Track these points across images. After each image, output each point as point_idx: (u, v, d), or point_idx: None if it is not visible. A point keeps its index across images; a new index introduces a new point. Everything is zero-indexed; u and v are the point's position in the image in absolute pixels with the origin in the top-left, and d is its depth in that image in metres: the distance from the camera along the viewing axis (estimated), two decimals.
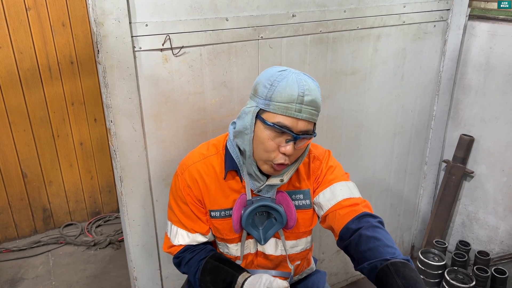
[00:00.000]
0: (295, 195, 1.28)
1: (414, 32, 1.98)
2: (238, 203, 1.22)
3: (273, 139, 1.10)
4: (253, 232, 1.25)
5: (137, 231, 1.56)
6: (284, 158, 1.12)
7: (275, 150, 1.11)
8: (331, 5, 1.69)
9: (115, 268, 2.57)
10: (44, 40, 2.55)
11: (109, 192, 3.08)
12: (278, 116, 1.08)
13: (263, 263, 1.34)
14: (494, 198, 2.24)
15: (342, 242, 1.17)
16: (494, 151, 2.18)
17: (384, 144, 2.14)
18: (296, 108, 1.07)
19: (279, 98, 1.08)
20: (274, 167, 1.14)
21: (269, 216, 1.26)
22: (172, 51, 1.42)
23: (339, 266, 2.29)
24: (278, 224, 1.25)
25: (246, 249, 1.31)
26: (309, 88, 1.09)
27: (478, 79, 2.17)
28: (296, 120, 1.08)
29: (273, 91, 1.09)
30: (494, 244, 2.29)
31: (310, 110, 1.09)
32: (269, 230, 1.26)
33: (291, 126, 1.08)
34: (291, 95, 1.07)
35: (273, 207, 1.21)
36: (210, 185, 1.25)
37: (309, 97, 1.08)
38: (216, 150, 1.27)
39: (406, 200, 2.40)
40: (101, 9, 1.26)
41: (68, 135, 2.80)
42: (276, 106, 1.08)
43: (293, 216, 1.24)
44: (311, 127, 1.12)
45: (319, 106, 1.12)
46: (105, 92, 1.35)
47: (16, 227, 2.82)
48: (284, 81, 1.09)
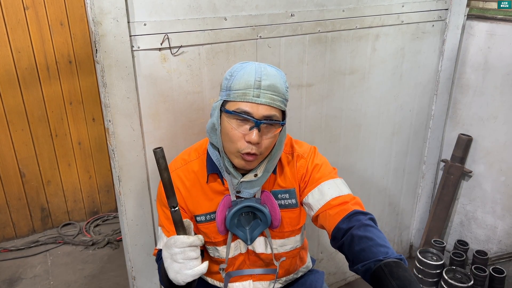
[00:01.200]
0: (281, 195, 1.27)
1: (413, 32, 1.98)
2: (221, 204, 1.22)
3: (237, 128, 1.10)
4: (239, 232, 1.24)
5: (135, 231, 1.56)
6: (250, 147, 1.10)
7: (240, 140, 1.11)
8: (330, 5, 1.69)
9: (113, 267, 2.57)
10: (42, 39, 2.54)
11: (107, 192, 3.07)
12: (238, 103, 1.09)
13: (255, 262, 1.34)
14: (492, 197, 2.24)
15: (336, 242, 1.16)
16: (492, 151, 2.19)
17: (382, 144, 2.14)
18: (254, 93, 1.08)
19: (237, 86, 1.09)
20: (243, 157, 1.12)
21: (255, 216, 1.26)
22: (170, 50, 1.42)
23: (337, 266, 2.30)
24: (263, 224, 1.24)
25: (237, 249, 1.31)
26: (267, 73, 1.10)
27: (477, 78, 2.17)
28: (256, 105, 1.08)
29: (232, 80, 1.11)
30: (492, 244, 2.29)
31: (269, 95, 1.09)
32: (255, 230, 1.25)
33: (251, 111, 1.08)
34: (247, 81, 1.09)
35: (256, 208, 1.21)
36: (192, 190, 1.25)
37: (266, 81, 1.09)
38: (197, 155, 1.28)
39: (404, 199, 2.40)
40: (99, 8, 1.25)
41: (66, 134, 2.80)
42: (235, 94, 1.10)
43: (277, 216, 1.23)
44: (275, 112, 1.11)
45: (281, 92, 1.11)
46: (104, 91, 1.35)
47: (14, 227, 2.82)
48: (243, 70, 1.11)
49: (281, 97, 1.11)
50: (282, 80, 1.13)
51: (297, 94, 1.76)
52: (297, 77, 1.73)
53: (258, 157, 1.15)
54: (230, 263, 1.32)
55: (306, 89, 1.77)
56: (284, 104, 1.13)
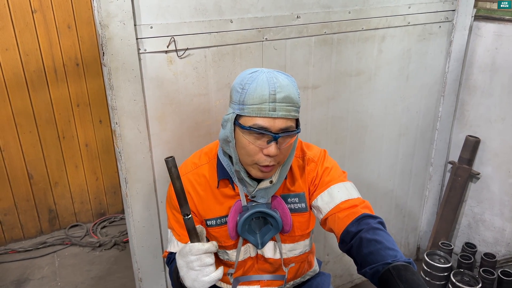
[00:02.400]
0: (290, 199, 1.27)
1: (419, 33, 1.97)
2: (233, 210, 1.21)
3: (254, 142, 1.09)
4: (250, 237, 1.24)
5: (142, 232, 1.57)
6: (269, 160, 1.10)
7: (258, 153, 1.10)
8: (336, 6, 1.68)
9: (120, 269, 2.58)
10: (50, 42, 2.56)
11: (114, 193, 3.09)
12: (253, 119, 1.07)
13: (263, 267, 1.33)
14: (500, 199, 2.22)
15: (344, 246, 1.16)
16: (500, 152, 2.17)
17: (389, 145, 2.13)
18: (270, 107, 1.06)
19: (251, 100, 1.07)
20: (261, 169, 1.12)
21: (265, 221, 1.25)
22: (176, 53, 1.42)
23: (344, 268, 2.29)
24: (274, 230, 1.24)
25: (246, 253, 1.30)
26: (281, 85, 1.08)
27: (484, 79, 2.15)
28: (273, 119, 1.06)
29: (245, 94, 1.08)
30: (500, 246, 2.27)
31: (285, 107, 1.07)
32: (266, 235, 1.25)
33: (268, 126, 1.07)
34: (262, 95, 1.06)
35: (268, 213, 1.20)
36: (203, 194, 1.25)
37: (281, 94, 1.06)
38: (207, 159, 1.27)
39: (411, 201, 2.39)
40: (106, 12, 1.26)
41: (73, 136, 2.82)
42: (249, 109, 1.07)
43: (289, 221, 1.22)
44: (291, 123, 1.09)
45: (295, 102, 1.09)
46: (110, 94, 1.36)
47: (22, 228, 2.84)
48: (255, 82, 1.08)
49: (295, 107, 1.10)
50: (294, 88, 1.11)
51: (303, 96, 1.76)
52: (303, 79, 1.73)
53: (276, 166, 1.15)
54: (239, 267, 1.32)
55: (312, 90, 1.77)
56: (298, 112, 1.12)
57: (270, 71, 1.12)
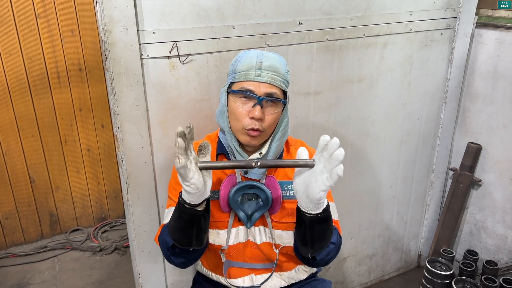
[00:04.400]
0: (287, 185, 1.30)
1: (421, 40, 1.97)
2: (226, 180, 1.25)
3: (242, 106, 1.20)
4: (240, 213, 1.26)
5: (143, 237, 1.56)
6: (254, 123, 1.18)
7: (245, 117, 1.20)
8: (338, 13, 1.69)
9: (120, 274, 2.57)
10: (53, 47, 2.58)
11: (115, 198, 3.09)
12: (241, 83, 1.20)
13: (255, 254, 1.34)
14: (502, 207, 2.22)
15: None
16: (502, 159, 2.16)
17: (390, 152, 2.13)
18: (256, 73, 1.19)
19: (240, 68, 1.21)
20: (248, 133, 1.20)
21: (257, 200, 1.28)
22: (179, 58, 1.43)
23: (345, 275, 2.28)
24: (264, 206, 1.26)
25: (237, 238, 1.32)
26: (268, 56, 1.21)
27: (486, 87, 2.15)
28: (258, 83, 1.18)
29: (237, 64, 1.23)
30: (502, 254, 2.26)
31: (270, 74, 1.19)
32: (256, 212, 1.27)
33: (253, 89, 1.18)
34: (250, 63, 1.20)
35: (259, 187, 1.24)
36: None
37: (267, 62, 1.19)
38: (210, 140, 1.34)
39: (413, 208, 2.38)
40: (110, 17, 1.27)
41: (75, 141, 2.82)
42: (239, 75, 1.21)
43: (279, 199, 1.25)
44: (275, 90, 1.20)
45: (280, 72, 1.21)
46: (113, 98, 1.36)
47: (23, 232, 2.84)
48: (246, 55, 1.23)
49: (281, 77, 1.21)
50: (282, 63, 1.23)
51: (305, 102, 1.76)
52: (305, 85, 1.73)
53: (262, 134, 1.22)
54: (231, 250, 1.33)
55: (314, 97, 1.77)
56: (284, 84, 1.23)
57: (264, 51, 1.26)
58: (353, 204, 2.12)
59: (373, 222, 2.25)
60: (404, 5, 1.84)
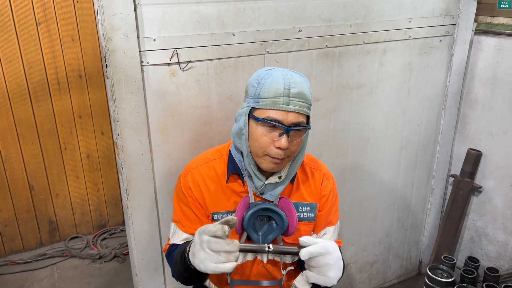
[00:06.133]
0: (302, 207, 1.29)
1: (420, 47, 1.98)
2: (242, 203, 1.23)
3: (267, 134, 1.14)
4: (254, 235, 1.25)
5: (142, 245, 1.56)
6: (279, 153, 1.14)
7: (269, 145, 1.14)
8: (337, 20, 1.70)
9: (119, 281, 2.56)
10: (53, 54, 2.59)
11: (115, 205, 3.08)
12: (267, 111, 1.13)
13: (262, 271, 1.33)
14: (503, 213, 2.21)
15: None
16: (502, 166, 2.16)
17: (390, 158, 2.13)
18: (284, 101, 1.12)
19: (266, 94, 1.13)
20: (273, 160, 1.16)
21: (269, 221, 1.27)
22: (179, 65, 1.43)
23: (346, 282, 2.26)
24: (278, 229, 1.25)
25: (245, 256, 1.31)
26: (295, 81, 1.14)
27: (485, 93, 2.16)
28: (286, 112, 1.12)
29: (261, 88, 1.14)
30: (503, 261, 2.25)
31: (298, 102, 1.13)
32: (269, 235, 1.26)
33: (281, 119, 1.12)
34: (277, 89, 1.12)
35: (275, 211, 1.23)
36: (212, 188, 1.27)
37: (295, 89, 1.12)
38: (219, 155, 1.31)
39: (413, 214, 2.38)
40: (110, 24, 1.27)
41: (75, 147, 2.82)
42: (264, 102, 1.13)
43: (294, 222, 1.24)
44: (302, 119, 1.15)
45: (307, 98, 1.15)
46: (113, 105, 1.36)
47: (22, 240, 2.83)
48: (270, 78, 1.14)
49: (307, 103, 1.16)
50: (307, 86, 1.18)
51: None
52: None
53: (285, 160, 1.19)
54: (238, 270, 1.32)
55: (313, 103, 1.77)
56: (309, 109, 1.18)
57: (284, 70, 1.18)
58: (353, 210, 2.11)
59: (374, 228, 2.24)
60: (403, 12, 1.85)
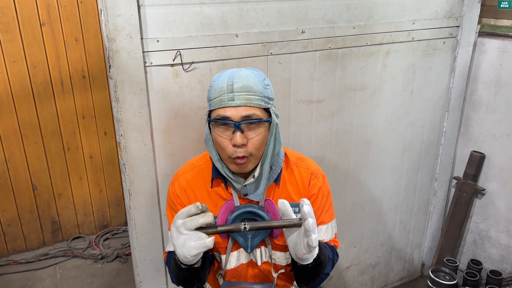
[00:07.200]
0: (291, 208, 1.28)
1: (424, 49, 1.98)
2: (223, 207, 1.21)
3: (222, 134, 1.13)
4: (239, 239, 1.24)
5: (145, 245, 1.56)
6: (237, 150, 1.12)
7: (228, 145, 1.13)
8: (340, 22, 1.70)
9: (122, 282, 2.56)
10: (57, 54, 2.60)
11: (117, 206, 3.08)
12: (216, 111, 1.13)
13: (256, 273, 1.33)
14: (506, 216, 2.20)
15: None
16: (506, 168, 2.16)
17: (393, 160, 2.13)
18: (229, 97, 1.11)
19: (213, 94, 1.14)
20: (234, 161, 1.14)
21: None
22: (182, 66, 1.43)
23: (348, 284, 2.26)
24: (263, 232, 1.23)
25: (239, 260, 1.30)
26: (239, 75, 1.13)
27: (489, 95, 2.15)
28: (234, 108, 1.11)
29: (210, 90, 1.16)
30: (506, 264, 2.24)
31: (244, 95, 1.11)
32: (256, 237, 1.25)
33: (229, 115, 1.11)
34: (221, 87, 1.12)
35: (258, 214, 1.20)
36: (198, 194, 1.27)
37: (238, 83, 1.11)
38: (205, 160, 1.31)
39: (416, 217, 2.37)
40: (114, 25, 1.28)
41: (78, 148, 2.83)
42: (213, 102, 1.14)
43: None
44: (253, 111, 1.12)
45: (255, 90, 1.12)
46: (116, 106, 1.37)
47: (25, 239, 2.83)
48: (219, 79, 1.15)
49: (258, 96, 1.13)
50: (257, 79, 1.14)
51: (307, 110, 1.76)
52: (308, 93, 1.74)
53: (250, 159, 1.15)
54: (232, 273, 1.31)
55: (316, 105, 1.78)
56: (264, 101, 1.14)
57: (238, 68, 1.18)
58: (356, 212, 2.11)
59: (376, 231, 2.23)
60: (406, 14, 1.85)
